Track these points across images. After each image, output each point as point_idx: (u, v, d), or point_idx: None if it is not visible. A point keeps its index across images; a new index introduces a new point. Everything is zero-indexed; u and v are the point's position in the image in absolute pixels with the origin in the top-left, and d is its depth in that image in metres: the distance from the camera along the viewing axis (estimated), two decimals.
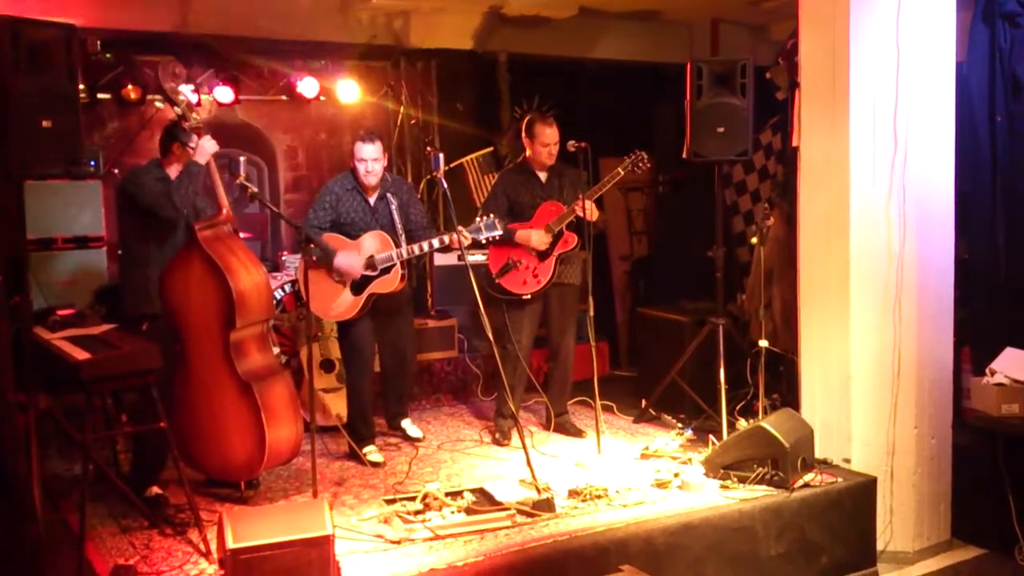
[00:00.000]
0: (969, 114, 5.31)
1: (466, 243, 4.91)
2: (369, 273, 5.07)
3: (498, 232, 4.98)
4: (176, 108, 4.48)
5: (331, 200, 5.15)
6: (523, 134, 5.55)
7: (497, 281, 5.41)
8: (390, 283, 5.08)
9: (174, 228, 4.57)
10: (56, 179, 6.09)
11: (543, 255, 5.43)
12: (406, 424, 5.64)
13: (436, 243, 5.02)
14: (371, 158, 5.06)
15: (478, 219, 5.00)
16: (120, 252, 4.84)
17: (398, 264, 5.06)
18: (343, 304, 5.10)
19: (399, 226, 5.15)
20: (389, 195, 5.20)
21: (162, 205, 4.46)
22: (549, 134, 5.42)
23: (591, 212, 5.22)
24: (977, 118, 5.43)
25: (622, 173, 5.37)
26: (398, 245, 5.07)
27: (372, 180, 5.11)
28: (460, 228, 4.89)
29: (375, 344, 5.31)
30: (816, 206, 4.92)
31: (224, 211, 4.52)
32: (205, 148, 4.48)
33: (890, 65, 4.63)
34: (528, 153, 5.53)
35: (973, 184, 5.41)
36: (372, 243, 5.09)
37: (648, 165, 5.43)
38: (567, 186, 5.53)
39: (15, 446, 3.31)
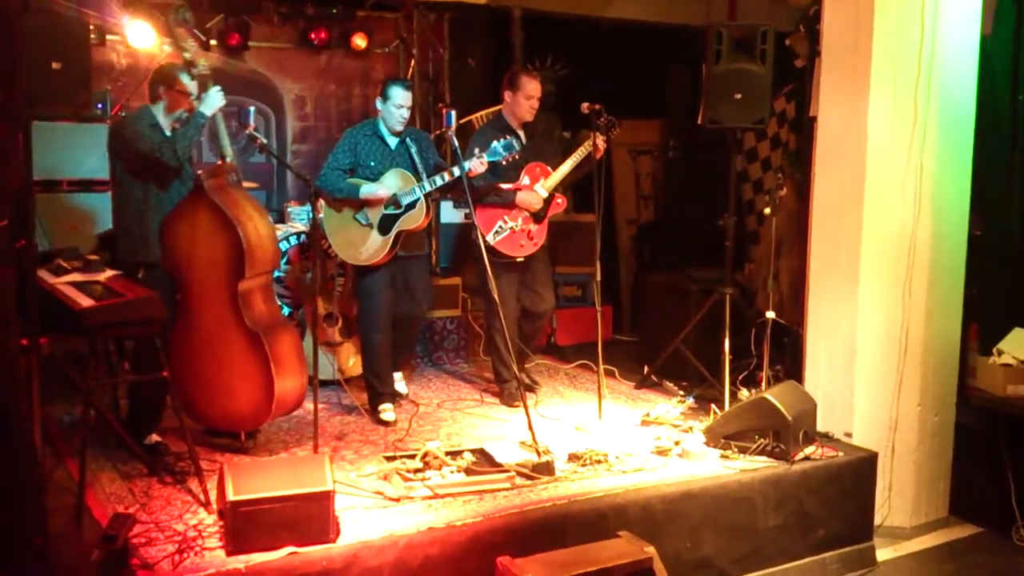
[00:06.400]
0: (991, 90, 5.23)
1: (483, 169, 4.96)
2: (394, 211, 5.03)
3: (516, 151, 5.01)
4: (185, 54, 4.37)
5: (350, 144, 5.12)
6: (505, 86, 5.44)
7: (493, 244, 5.33)
8: (416, 219, 5.04)
9: (170, 174, 4.43)
10: (63, 120, 6.02)
11: (537, 217, 5.42)
12: (397, 377, 5.53)
13: (457, 171, 4.93)
14: (407, 104, 5.05)
15: (477, 150, 4.98)
16: (114, 197, 4.73)
17: (422, 199, 5.02)
18: (372, 246, 5.06)
19: (419, 166, 5.10)
20: (408, 140, 5.16)
21: (161, 153, 4.31)
22: (533, 87, 5.35)
23: (600, 148, 5.14)
24: (999, 95, 5.35)
25: (601, 138, 5.13)
26: (420, 181, 5.03)
27: (399, 126, 5.08)
28: (479, 152, 4.93)
29: (391, 298, 5.21)
30: (831, 178, 4.87)
31: (228, 160, 4.47)
32: (213, 100, 4.34)
33: (914, 38, 4.56)
34: (507, 106, 5.44)
35: (991, 161, 5.35)
36: (394, 180, 5.05)
37: (617, 129, 5.23)
38: (543, 147, 5.52)
39: (17, 390, 3.30)
